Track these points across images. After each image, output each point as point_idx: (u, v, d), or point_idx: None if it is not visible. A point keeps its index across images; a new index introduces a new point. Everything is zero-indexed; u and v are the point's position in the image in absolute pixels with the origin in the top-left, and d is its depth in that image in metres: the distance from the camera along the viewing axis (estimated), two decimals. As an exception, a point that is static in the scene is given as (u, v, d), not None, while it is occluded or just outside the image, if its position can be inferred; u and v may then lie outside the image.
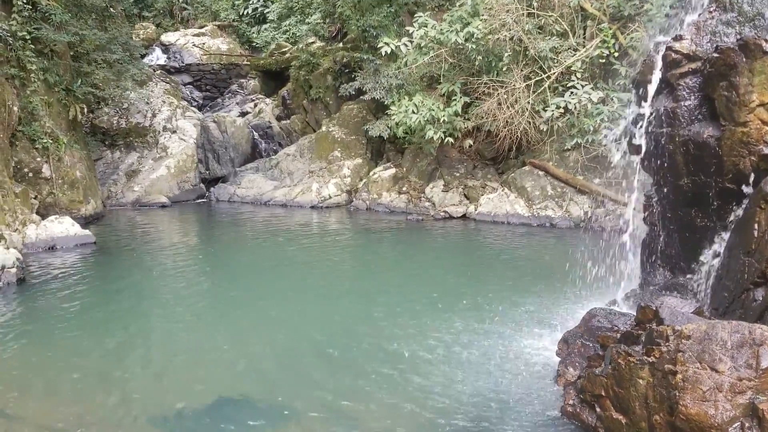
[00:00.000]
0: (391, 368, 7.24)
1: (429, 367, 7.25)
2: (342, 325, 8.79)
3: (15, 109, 14.47)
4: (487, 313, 9.05)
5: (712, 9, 6.96)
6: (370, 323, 8.83)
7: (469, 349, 7.73)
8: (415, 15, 17.56)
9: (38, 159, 15.52)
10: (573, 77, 15.64)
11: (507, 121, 15.97)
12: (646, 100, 7.46)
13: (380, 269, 12.66)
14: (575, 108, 15.43)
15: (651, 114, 7.33)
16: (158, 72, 25.81)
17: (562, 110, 15.52)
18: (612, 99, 15.27)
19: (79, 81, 17.35)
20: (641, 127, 7.51)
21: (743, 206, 6.34)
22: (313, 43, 24.75)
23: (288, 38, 28.27)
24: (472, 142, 17.79)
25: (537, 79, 15.98)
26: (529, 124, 16.00)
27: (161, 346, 8.16)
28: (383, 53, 17.21)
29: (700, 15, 7.15)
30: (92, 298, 10.26)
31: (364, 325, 8.79)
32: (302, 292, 10.68)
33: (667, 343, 4.96)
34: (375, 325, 8.75)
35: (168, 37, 30.31)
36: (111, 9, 19.98)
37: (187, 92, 27.81)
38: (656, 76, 7.29)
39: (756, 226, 5.80)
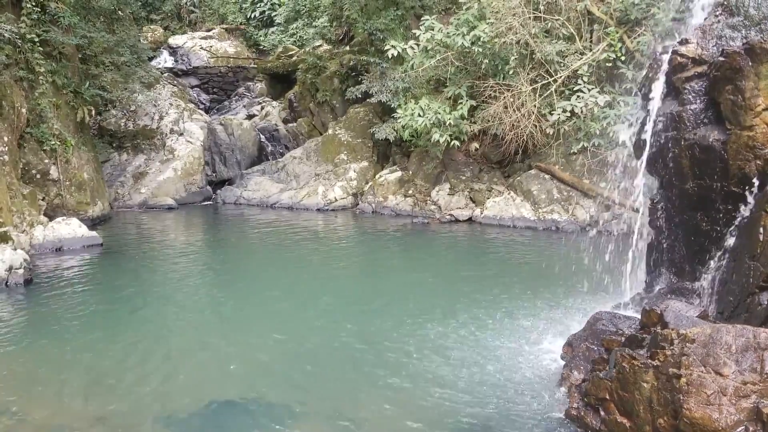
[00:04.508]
0: (395, 370, 7.25)
1: (433, 369, 7.26)
2: (347, 328, 8.79)
3: (23, 111, 14.57)
4: (492, 316, 9.05)
5: (718, 13, 6.95)
6: (374, 326, 8.84)
7: (473, 352, 7.73)
8: (422, 18, 17.58)
9: (46, 161, 15.62)
10: (579, 81, 15.63)
11: (513, 125, 15.96)
12: (651, 104, 7.45)
13: (386, 273, 12.67)
14: (582, 111, 15.42)
15: (657, 118, 7.32)
16: (166, 74, 25.92)
17: (568, 114, 15.51)
18: (619, 102, 15.24)
19: (87, 83, 17.45)
20: (647, 130, 7.50)
21: (749, 210, 6.32)
22: (320, 46, 24.82)
23: (295, 41, 28.34)
24: (478, 146, 17.79)
25: (543, 82, 15.98)
26: (536, 127, 15.98)
27: (167, 347, 8.19)
28: (390, 56, 17.25)
29: (706, 19, 7.15)
30: (99, 299, 10.31)
31: (369, 327, 8.79)
32: (307, 295, 10.69)
33: (671, 347, 4.96)
34: (379, 327, 8.76)
35: (175, 40, 30.44)
36: (119, 12, 20.09)
37: (195, 95, 27.91)
38: (662, 79, 7.28)
39: (761, 230, 5.78)
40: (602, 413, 5.51)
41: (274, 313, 9.67)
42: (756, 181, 6.27)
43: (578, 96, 15.45)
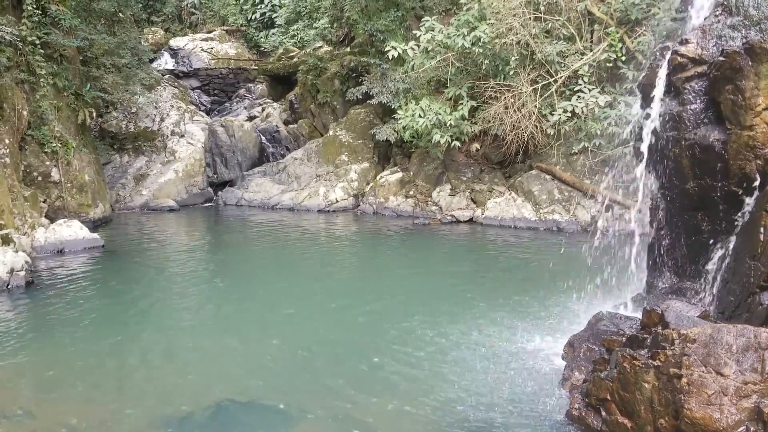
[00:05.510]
0: (396, 371, 7.26)
1: (435, 370, 7.26)
2: (348, 329, 8.81)
3: (24, 113, 14.58)
4: (492, 316, 9.04)
5: (718, 13, 6.95)
6: (374, 327, 8.84)
7: (474, 353, 7.72)
8: (423, 19, 17.59)
9: (47, 163, 15.64)
10: (580, 81, 15.64)
11: (514, 125, 15.97)
12: (652, 104, 7.45)
13: (386, 274, 12.67)
14: (582, 112, 15.43)
15: (657, 118, 7.32)
16: (167, 76, 25.97)
17: (569, 114, 15.52)
18: (619, 103, 15.25)
19: (88, 85, 17.48)
20: (647, 131, 7.50)
21: (749, 210, 6.31)
22: (320, 47, 24.83)
23: (296, 43, 28.37)
24: (479, 146, 17.79)
25: (544, 83, 15.98)
26: (536, 128, 15.99)
27: (169, 349, 8.18)
28: (390, 57, 17.26)
29: (706, 19, 7.14)
30: (100, 301, 10.31)
31: (371, 329, 8.80)
32: (310, 296, 10.70)
33: (672, 347, 4.96)
34: (381, 329, 8.76)
35: (176, 42, 30.48)
36: (120, 14, 20.12)
37: (196, 96, 27.94)
38: (662, 79, 7.28)
39: (762, 229, 5.78)
40: (603, 414, 5.50)
41: (275, 314, 9.66)
42: (756, 181, 6.27)
43: (579, 96, 15.45)
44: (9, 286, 10.55)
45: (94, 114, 18.36)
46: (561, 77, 15.82)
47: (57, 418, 6.18)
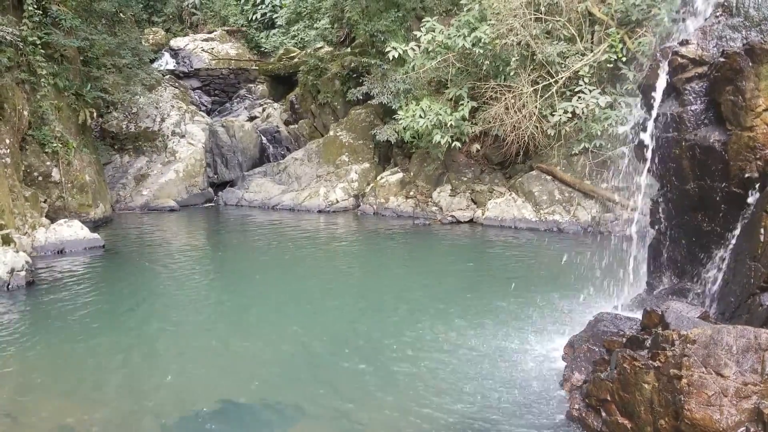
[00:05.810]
0: (396, 372, 7.25)
1: (434, 371, 7.25)
2: (349, 330, 8.80)
3: (25, 113, 14.59)
4: (492, 317, 9.04)
5: (718, 13, 6.96)
6: (376, 328, 8.84)
7: (474, 353, 7.72)
8: (423, 20, 17.59)
9: (48, 163, 15.65)
10: (580, 82, 15.63)
11: (514, 126, 15.97)
12: (652, 105, 7.46)
13: (386, 274, 12.66)
14: (583, 112, 15.42)
15: (657, 118, 7.33)
16: (167, 77, 25.99)
17: (569, 115, 15.52)
18: (620, 103, 15.25)
19: (89, 85, 17.48)
20: (648, 131, 7.51)
21: (750, 211, 6.31)
22: (321, 48, 24.85)
23: (296, 43, 28.39)
24: (479, 147, 17.80)
25: (544, 83, 15.98)
26: (537, 128, 15.99)
27: (169, 350, 8.19)
28: (391, 58, 17.26)
29: (706, 20, 7.15)
30: (101, 301, 10.31)
31: (371, 329, 8.79)
32: (310, 296, 10.70)
33: (672, 348, 4.96)
34: (381, 329, 8.75)
35: (177, 42, 30.53)
36: (121, 14, 20.15)
37: (196, 97, 27.98)
38: (663, 80, 7.29)
39: (762, 230, 5.78)
40: (603, 414, 5.50)
41: (275, 315, 9.67)
42: (757, 182, 6.27)
43: (579, 97, 15.45)
44: (9, 286, 10.55)
45: (95, 114, 18.36)
46: (561, 78, 15.82)
47: (55, 419, 6.16)
